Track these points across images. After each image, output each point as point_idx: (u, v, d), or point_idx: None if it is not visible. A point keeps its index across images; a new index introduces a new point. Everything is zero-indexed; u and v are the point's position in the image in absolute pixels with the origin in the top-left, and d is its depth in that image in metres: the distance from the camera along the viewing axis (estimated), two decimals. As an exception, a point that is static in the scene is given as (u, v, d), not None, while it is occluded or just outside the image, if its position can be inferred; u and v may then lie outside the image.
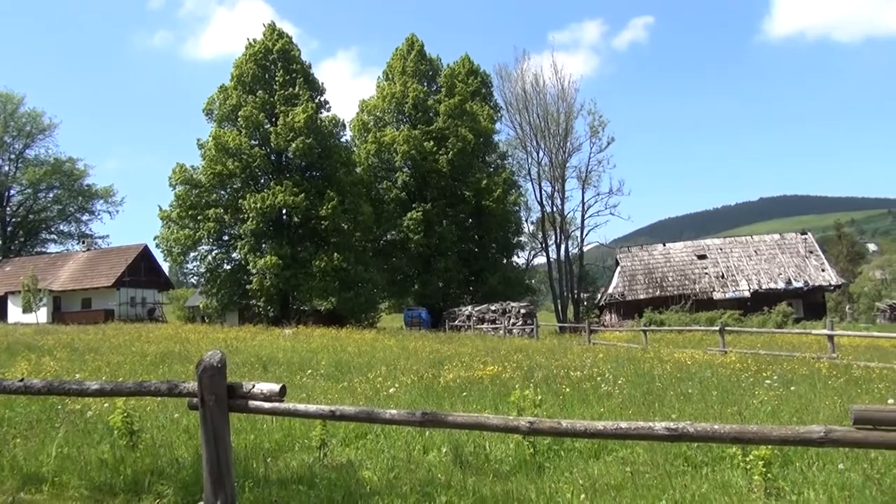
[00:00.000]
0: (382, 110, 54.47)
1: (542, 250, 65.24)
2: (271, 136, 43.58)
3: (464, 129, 51.35)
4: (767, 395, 9.47)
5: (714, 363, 14.33)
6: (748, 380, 11.14)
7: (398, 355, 17.05)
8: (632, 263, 53.78)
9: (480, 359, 15.13)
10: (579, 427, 3.92)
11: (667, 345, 22.87)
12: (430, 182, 51.89)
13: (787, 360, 15.30)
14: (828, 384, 10.54)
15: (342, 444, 7.73)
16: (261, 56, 45.79)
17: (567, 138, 62.07)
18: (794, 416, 8.09)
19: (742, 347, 19.91)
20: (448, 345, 21.50)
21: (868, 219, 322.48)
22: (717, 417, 8.26)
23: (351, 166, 47.77)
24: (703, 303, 48.14)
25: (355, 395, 10.43)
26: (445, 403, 9.61)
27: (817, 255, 52.13)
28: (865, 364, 13.87)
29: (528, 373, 12.17)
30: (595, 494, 5.54)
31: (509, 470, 6.47)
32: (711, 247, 54.70)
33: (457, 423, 4.31)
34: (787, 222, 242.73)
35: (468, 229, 55.25)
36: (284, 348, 19.53)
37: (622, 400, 9.49)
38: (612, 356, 16.66)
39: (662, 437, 3.78)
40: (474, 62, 58.03)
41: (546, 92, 62.88)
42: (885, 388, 9.90)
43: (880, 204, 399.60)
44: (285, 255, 41.74)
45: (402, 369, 13.34)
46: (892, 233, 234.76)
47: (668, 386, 10.61)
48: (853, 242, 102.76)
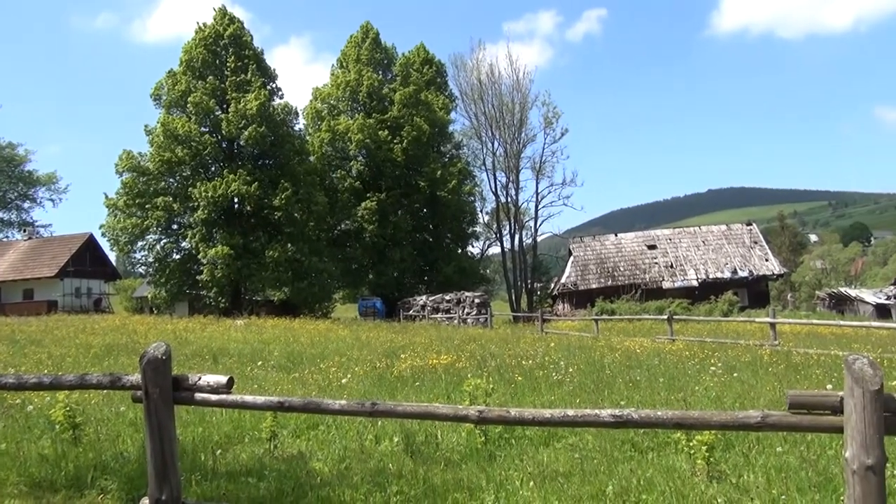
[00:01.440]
0: (336, 98, 53.87)
1: (497, 240, 65.71)
2: (222, 123, 42.68)
3: (419, 119, 51.18)
4: (712, 382, 9.74)
5: (662, 351, 14.67)
6: (694, 367, 11.44)
7: (352, 345, 16.99)
8: (584, 253, 54.57)
9: (434, 348, 15.19)
10: (527, 415, 3.96)
11: (618, 333, 23.31)
12: (384, 171, 51.61)
13: (731, 347, 15.77)
14: (769, 370, 10.89)
15: (293, 435, 7.68)
16: (211, 41, 44.73)
17: (521, 129, 62.53)
18: (736, 401, 8.34)
19: (689, 335, 20.43)
20: (402, 335, 21.51)
21: (809, 210, 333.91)
22: (663, 404, 8.46)
23: (304, 155, 47.15)
24: (653, 292, 49.20)
25: (307, 386, 10.36)
26: (398, 393, 9.62)
27: (761, 246, 53.76)
28: (805, 351, 14.37)
29: (481, 362, 12.26)
30: (544, 481, 5.63)
31: (460, 458, 6.52)
32: (661, 237, 55.88)
33: (406, 413, 4.31)
34: (733, 213, 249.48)
35: (423, 219, 55.20)
36: (236, 339, 19.26)
37: (573, 388, 9.64)
38: (563, 345, 16.91)
39: (608, 423, 3.85)
40: (430, 51, 57.84)
41: (501, 82, 63.18)
42: (823, 373, 10.28)
43: (821, 196, 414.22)
44: (237, 244, 41.04)
45: (355, 360, 13.29)
46: (832, 224, 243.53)
47: (617, 374, 10.82)
48: (795, 233, 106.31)
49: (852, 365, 3.38)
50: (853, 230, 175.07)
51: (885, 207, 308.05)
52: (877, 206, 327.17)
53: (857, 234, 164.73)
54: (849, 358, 3.45)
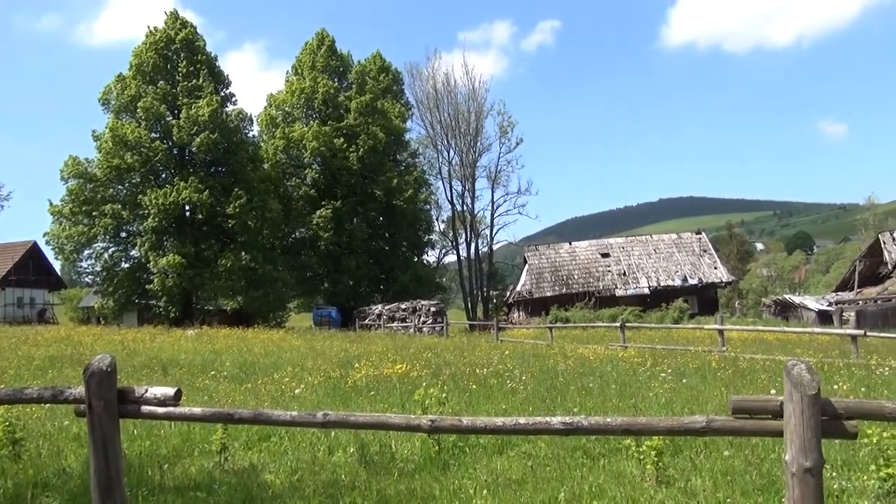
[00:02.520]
0: (291, 105, 53.39)
1: (453, 248, 65.90)
2: (173, 129, 41.87)
3: (375, 127, 51.07)
4: (662, 388, 9.94)
5: (615, 358, 14.89)
6: (645, 373, 11.65)
7: (306, 355, 16.80)
8: (539, 262, 55.09)
9: (389, 357, 15.12)
10: (479, 424, 3.99)
11: (571, 341, 23.58)
12: (340, 179, 51.31)
13: (681, 353, 16.10)
14: (717, 376, 11.16)
15: (244, 447, 7.56)
16: (162, 45, 43.89)
17: (477, 138, 62.96)
18: (685, 407, 8.52)
19: (641, 342, 20.79)
20: (357, 344, 21.36)
21: (756, 220, 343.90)
22: (615, 410, 8.59)
23: (258, 162, 46.60)
24: (607, 299, 49.94)
25: (260, 396, 10.21)
26: (352, 403, 9.55)
27: (711, 254, 55.09)
28: (751, 356, 14.77)
29: (436, 371, 12.26)
30: (497, 489, 5.66)
31: (414, 468, 6.50)
32: (614, 245, 56.79)
33: (359, 424, 4.29)
34: (684, 222, 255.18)
35: (379, 227, 55.02)
36: (186, 350, 18.85)
37: (526, 396, 9.71)
38: (518, 353, 17.03)
39: (559, 431, 3.90)
40: (386, 59, 57.77)
41: (457, 91, 63.56)
42: (767, 378, 10.58)
43: (767, 206, 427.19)
44: (189, 253, 40.24)
45: (309, 369, 13.15)
46: (778, 233, 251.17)
47: (570, 381, 10.94)
48: (743, 242, 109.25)
49: (791, 370, 3.50)
50: (797, 239, 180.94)
51: (827, 217, 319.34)
52: (819, 216, 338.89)
53: (800, 242, 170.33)
54: (788, 364, 3.57)
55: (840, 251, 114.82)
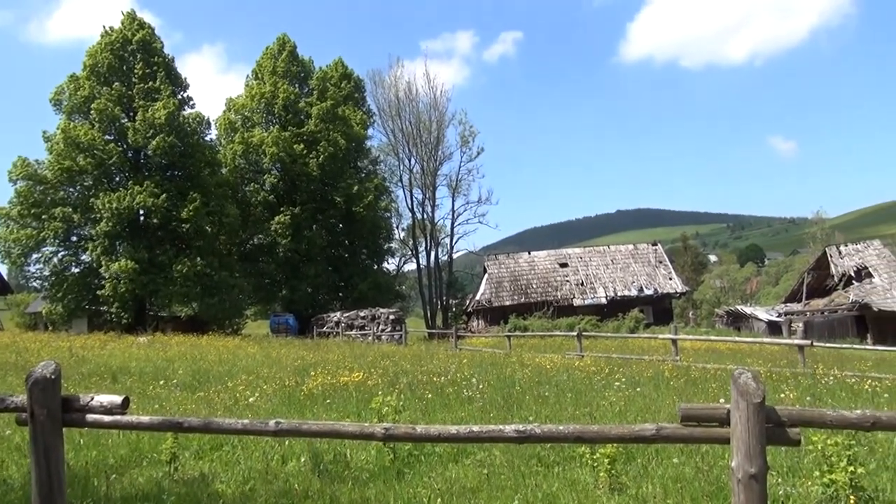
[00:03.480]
0: (251, 110, 52.75)
1: (413, 257, 65.68)
2: (128, 131, 40.94)
3: (336, 134, 50.78)
4: (616, 397, 10.07)
5: (571, 367, 15.04)
6: (600, 382, 11.79)
7: (261, 363, 16.56)
8: (499, 271, 55.38)
9: (346, 365, 15.01)
10: (433, 432, 3.98)
11: (529, 350, 23.75)
12: (299, 186, 50.83)
13: (636, 362, 16.35)
14: (669, 385, 11.36)
15: (196, 457, 7.40)
16: (118, 46, 42.92)
17: (438, 147, 63.04)
18: (638, 415, 8.64)
19: (598, 351, 21.03)
20: (314, 352, 21.15)
21: (710, 232, 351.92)
22: (570, 419, 8.68)
23: (216, 167, 45.81)
24: (565, 309, 50.42)
25: (213, 405, 10.01)
26: (308, 412, 9.44)
27: (666, 265, 56.13)
28: (703, 365, 15.09)
29: (393, 379, 12.21)
30: (452, 498, 5.65)
31: (369, 477, 6.46)
32: (573, 255, 57.43)
33: (311, 432, 4.24)
34: (641, 234, 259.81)
35: (338, 235, 54.62)
36: (138, 357, 18.39)
37: (483, 404, 9.74)
38: (476, 361, 17.07)
39: (512, 438, 3.92)
40: (348, 66, 57.59)
41: (419, 100, 63.57)
42: (718, 387, 10.81)
43: (720, 219, 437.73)
44: (142, 258, 39.30)
45: (264, 377, 12.95)
46: (730, 245, 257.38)
47: (527, 390, 11.01)
48: (697, 253, 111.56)
49: (738, 379, 3.59)
50: (749, 251, 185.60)
51: (778, 230, 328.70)
52: (770, 229, 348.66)
53: (752, 255, 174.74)
54: (735, 373, 3.66)
55: (789, 264, 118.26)
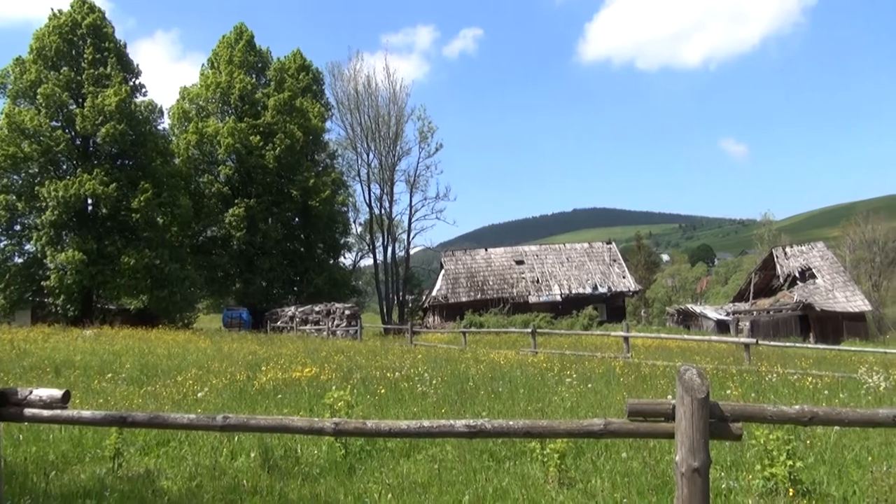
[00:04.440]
0: (206, 100, 51.68)
1: (370, 252, 65.44)
2: (77, 118, 39.68)
3: (293, 126, 50.12)
4: (568, 393, 10.20)
5: (525, 363, 15.17)
6: (553, 378, 11.92)
7: (212, 357, 16.26)
8: (455, 267, 55.51)
9: (300, 360, 14.85)
10: (384, 427, 3.96)
11: (485, 346, 23.87)
12: (255, 178, 50.04)
13: (588, 359, 16.57)
14: (620, 381, 11.55)
15: (141, 452, 7.25)
16: (67, 30, 41.53)
17: (397, 142, 62.82)
18: (589, 410, 8.76)
19: (552, 348, 21.26)
20: (268, 346, 20.88)
21: (663, 232, 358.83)
22: (522, 414, 8.74)
23: (168, 156, 44.75)
24: (520, 306, 50.82)
25: (160, 399, 9.81)
26: (258, 407, 9.32)
27: (620, 264, 57.05)
28: (653, 363, 15.38)
29: (347, 374, 12.14)
30: (402, 493, 5.65)
31: (320, 472, 6.41)
32: (529, 253, 57.91)
33: (260, 427, 4.18)
34: (596, 233, 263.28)
35: (294, 228, 54.00)
36: (83, 350, 17.87)
37: (436, 399, 9.75)
38: (431, 357, 17.08)
39: (462, 433, 3.93)
40: (306, 58, 56.82)
41: (378, 94, 63.22)
42: (667, 383, 11.03)
43: (673, 219, 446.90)
44: (90, 249, 38.18)
45: (214, 372, 12.73)
46: (682, 245, 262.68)
47: (480, 385, 11.06)
48: (650, 253, 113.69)
49: (683, 375, 3.66)
50: (700, 251, 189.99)
51: (728, 231, 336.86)
52: (720, 230, 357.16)
53: (703, 255, 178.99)
54: (681, 369, 3.73)
55: (738, 264, 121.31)
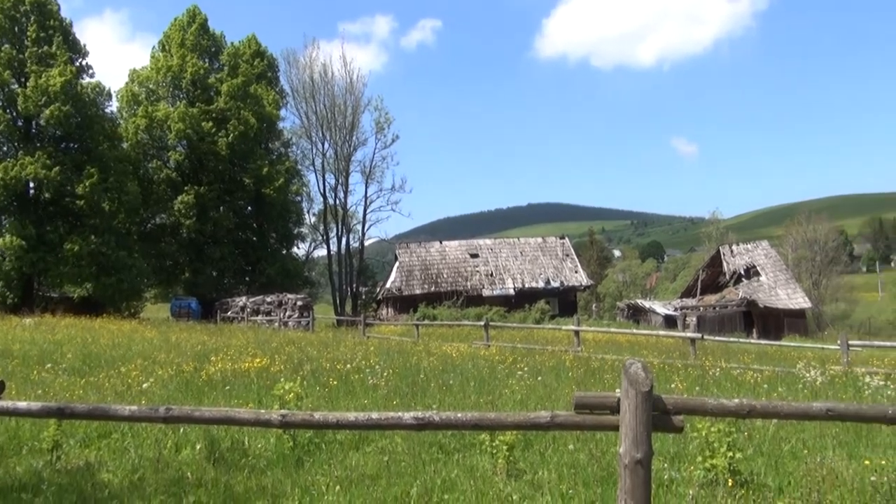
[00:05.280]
0: (156, 83, 50.31)
1: (323, 242, 64.74)
2: (19, 98, 38.18)
3: (246, 113, 49.18)
4: (518, 385, 10.30)
5: (477, 356, 15.27)
6: (504, 371, 12.02)
7: (159, 348, 15.91)
8: (410, 259, 55.43)
9: (250, 351, 14.65)
10: (331, 419, 3.94)
11: (437, 339, 23.92)
12: (206, 165, 48.95)
13: (540, 353, 16.77)
14: (569, 375, 11.72)
15: (82, 445, 7.06)
16: (9, 5, 39.85)
17: (353, 132, 62.20)
18: (538, 403, 8.87)
19: (504, 341, 21.44)
20: (217, 337, 20.52)
21: (616, 228, 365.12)
22: (473, 406, 8.80)
23: (116, 140, 43.44)
24: (474, 299, 51.07)
25: (103, 391, 9.55)
26: (206, 398, 9.16)
27: (572, 259, 57.80)
28: (602, 356, 15.63)
29: (297, 365, 12.02)
30: (350, 485, 5.63)
31: (267, 464, 6.35)
32: (483, 246, 58.19)
33: (204, 419, 4.11)
34: (550, 227, 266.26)
35: (246, 217, 53.07)
36: (22, 339, 17.29)
37: (387, 392, 9.74)
38: (383, 349, 17.05)
39: (411, 426, 3.93)
40: (261, 44, 55.75)
41: (334, 83, 62.41)
42: (614, 377, 11.24)
43: (625, 216, 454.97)
44: (31, 235, 36.84)
45: (160, 363, 12.46)
46: (633, 241, 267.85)
47: (432, 378, 11.08)
48: (602, 248, 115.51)
49: (629, 369, 3.73)
50: (650, 248, 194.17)
51: (677, 229, 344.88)
52: (670, 227, 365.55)
53: (653, 251, 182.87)
54: (627, 363, 3.80)
55: (686, 261, 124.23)
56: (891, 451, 6.84)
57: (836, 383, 11.29)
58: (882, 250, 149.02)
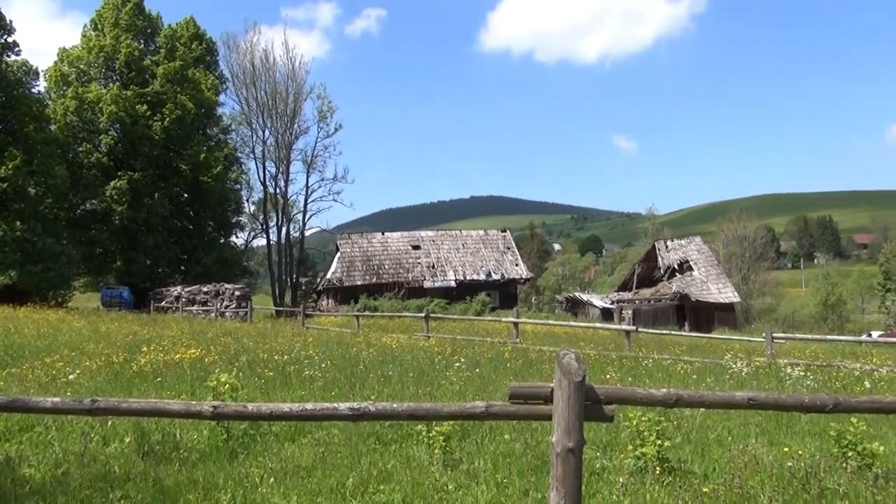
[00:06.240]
0: (88, 63, 48.34)
1: (263, 232, 63.64)
2: (-63, 75, 36.21)
3: (183, 97, 47.78)
4: (457, 377, 10.37)
5: (417, 347, 15.29)
6: (443, 362, 12.07)
7: (87, 338, 15.34)
8: (351, 250, 55.04)
9: (184, 342, 14.27)
10: (265, 410, 3.88)
11: (378, 330, 23.84)
12: (140, 149, 47.32)
13: (479, 344, 16.90)
14: (507, 366, 11.86)
15: (1, 439, 6.76)
16: (-74, -24, 37.70)
17: (295, 120, 61.32)
18: (476, 394, 8.95)
19: (444, 333, 21.52)
20: (150, 327, 19.93)
21: (556, 222, 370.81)
22: (411, 397, 8.82)
23: (43, 122, 41.55)
24: (416, 290, 51.14)
25: (26, 382, 9.16)
26: (136, 390, 8.90)
27: (513, 252, 58.45)
28: (540, 348, 15.87)
29: (233, 357, 11.79)
30: (286, 476, 5.57)
31: (199, 457, 6.21)
32: (425, 238, 58.26)
33: (132, 410, 3.99)
34: (492, 220, 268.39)
35: (183, 204, 51.66)
36: (-62, 329, 16.41)
37: (325, 383, 9.66)
38: (322, 340, 16.89)
39: (346, 416, 3.92)
40: (200, 26, 54.32)
41: (276, 69, 61.32)
42: (551, 368, 11.41)
43: (566, 210, 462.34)
44: (-51, 219, 35.04)
45: (89, 353, 12.02)
46: (573, 236, 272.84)
47: (371, 369, 11.04)
48: (543, 242, 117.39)
49: (562, 360, 3.80)
50: (589, 242, 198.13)
51: (616, 224, 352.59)
52: (609, 222, 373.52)
53: (592, 245, 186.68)
54: (560, 354, 3.87)
55: (624, 255, 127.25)
56: (808, 438, 7.19)
57: (760, 374, 11.77)
58: (806, 248, 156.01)
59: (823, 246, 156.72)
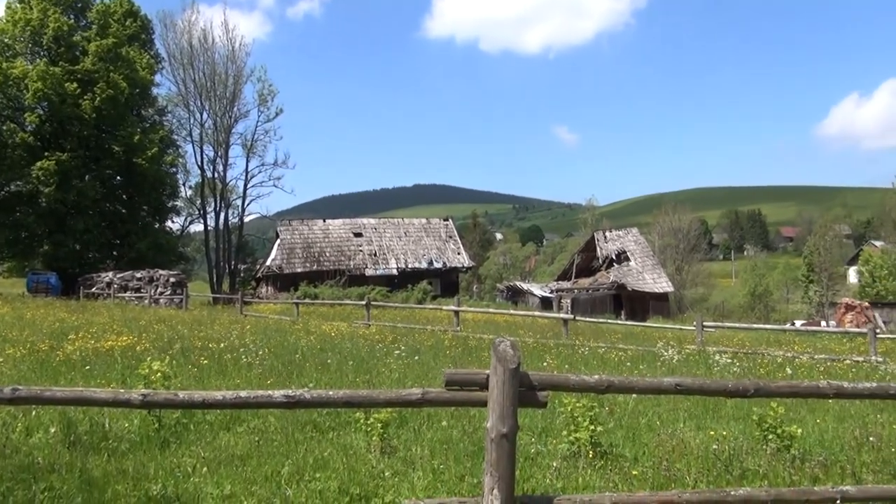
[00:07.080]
0: (13, 37, 45.91)
1: (200, 217, 62.03)
2: None
3: (116, 76, 45.92)
4: (397, 364, 10.39)
5: (357, 335, 15.23)
6: (383, 350, 12.07)
7: (11, 325, 14.74)
8: (291, 237, 54.25)
9: (115, 330, 13.85)
10: (197, 398, 3.81)
11: (318, 318, 23.63)
12: (69, 129, 45.33)
13: (420, 332, 16.96)
14: (447, 353, 11.95)
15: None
16: None
17: (234, 103, 59.84)
18: (415, 381, 8.98)
19: (385, 321, 21.50)
20: (79, 314, 19.24)
21: (498, 212, 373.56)
22: (350, 385, 8.79)
23: (-37, 98, 39.50)
24: (357, 278, 50.80)
25: (-58, 371, 8.73)
26: (62, 378, 8.60)
27: (455, 240, 58.69)
28: (480, 336, 16.04)
29: (166, 344, 11.51)
30: (219, 465, 5.49)
31: (129, 447, 6.06)
32: (367, 226, 57.90)
33: (56, 399, 3.85)
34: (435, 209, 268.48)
35: (115, 187, 49.77)
36: None
37: (262, 371, 9.53)
38: (260, 328, 16.66)
39: (281, 404, 3.88)
40: (134, 3, 52.26)
41: (215, 50, 59.59)
42: (490, 356, 11.56)
43: (508, 200, 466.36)
44: None
45: (12, 341, 11.54)
46: (515, 225, 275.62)
47: (309, 357, 10.95)
48: (485, 231, 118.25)
49: (497, 347, 3.85)
50: (530, 232, 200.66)
51: (556, 214, 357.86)
52: (550, 213, 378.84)
53: (533, 235, 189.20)
54: (496, 341, 3.93)
55: (564, 245, 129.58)
56: (733, 422, 7.50)
57: (690, 361, 12.20)
58: (737, 240, 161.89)
59: (753, 238, 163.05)
